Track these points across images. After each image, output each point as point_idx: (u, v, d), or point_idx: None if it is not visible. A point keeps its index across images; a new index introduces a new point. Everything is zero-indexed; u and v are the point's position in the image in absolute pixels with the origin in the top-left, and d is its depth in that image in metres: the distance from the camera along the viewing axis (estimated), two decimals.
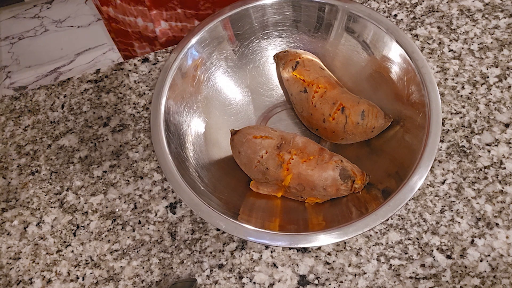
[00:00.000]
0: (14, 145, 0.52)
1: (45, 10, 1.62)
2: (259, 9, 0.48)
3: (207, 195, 0.41)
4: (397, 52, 0.45)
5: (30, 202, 0.48)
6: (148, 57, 0.56)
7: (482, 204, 0.45)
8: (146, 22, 0.62)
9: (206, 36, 0.47)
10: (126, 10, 0.61)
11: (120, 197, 0.48)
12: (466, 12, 0.56)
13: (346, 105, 0.44)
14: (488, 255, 0.43)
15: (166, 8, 0.59)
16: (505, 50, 0.53)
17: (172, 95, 0.45)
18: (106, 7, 0.62)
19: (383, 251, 0.43)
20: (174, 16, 0.60)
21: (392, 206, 0.37)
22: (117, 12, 0.62)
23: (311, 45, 0.50)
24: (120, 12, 0.62)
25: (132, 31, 0.65)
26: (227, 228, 0.38)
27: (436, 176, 0.47)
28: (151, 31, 0.63)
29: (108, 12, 0.63)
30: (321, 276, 0.43)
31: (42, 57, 1.53)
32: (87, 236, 0.46)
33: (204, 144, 0.47)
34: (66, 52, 1.54)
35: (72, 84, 0.55)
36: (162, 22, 0.61)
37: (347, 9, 0.47)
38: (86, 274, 0.44)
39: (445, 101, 0.51)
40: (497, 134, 0.48)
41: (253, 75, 0.51)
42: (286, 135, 0.43)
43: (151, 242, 0.45)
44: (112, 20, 0.64)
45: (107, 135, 0.51)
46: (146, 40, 0.66)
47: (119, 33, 0.66)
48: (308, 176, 0.41)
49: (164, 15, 0.60)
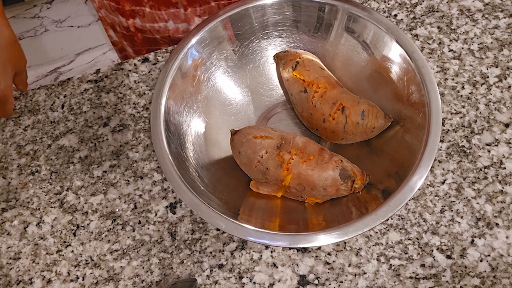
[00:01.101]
0: (14, 145, 0.52)
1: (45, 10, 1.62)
2: (259, 9, 0.48)
3: (207, 195, 0.41)
4: (397, 52, 0.45)
5: (30, 202, 0.48)
6: (148, 57, 0.56)
7: (482, 204, 0.45)
8: (177, 24, 0.62)
9: (206, 36, 0.47)
10: (155, 16, 0.61)
11: (120, 197, 0.48)
12: (466, 12, 0.56)
13: (346, 105, 0.44)
14: (488, 255, 0.43)
15: (200, 4, 0.59)
16: (505, 50, 0.53)
17: (172, 95, 0.45)
18: (132, 20, 0.62)
19: (383, 251, 0.43)
20: (208, 10, 0.60)
21: (392, 206, 0.37)
22: (145, 22, 0.62)
23: (311, 45, 0.50)
24: (148, 20, 0.62)
25: (161, 37, 0.65)
26: (227, 228, 0.38)
27: (436, 176, 0.47)
28: (182, 32, 0.64)
29: (135, 24, 0.63)
30: (321, 276, 0.43)
31: (42, 57, 1.53)
32: (87, 236, 0.46)
33: (204, 144, 0.47)
34: (66, 52, 1.54)
35: (72, 84, 0.55)
36: (196, 19, 0.61)
37: (347, 9, 0.47)
38: (86, 274, 0.44)
39: (445, 101, 0.51)
40: (497, 134, 0.48)
41: (253, 75, 0.51)
42: (286, 135, 0.43)
43: (151, 242, 0.45)
44: (138, 31, 0.64)
45: (107, 135, 0.51)
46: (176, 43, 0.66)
47: (145, 42, 0.66)
48: (308, 176, 0.41)
49: (198, 11, 0.60)
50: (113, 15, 0.64)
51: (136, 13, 0.61)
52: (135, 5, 0.60)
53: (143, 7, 0.60)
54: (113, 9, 0.62)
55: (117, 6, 0.61)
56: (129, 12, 0.61)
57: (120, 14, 0.62)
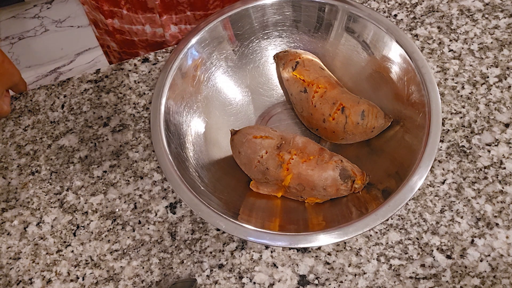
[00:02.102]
0: (14, 145, 0.52)
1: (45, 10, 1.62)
2: (259, 9, 0.48)
3: (207, 195, 0.41)
4: (397, 52, 0.45)
5: (30, 202, 0.48)
6: (148, 57, 0.56)
7: (482, 204, 0.45)
8: (154, 28, 0.62)
9: (206, 36, 0.47)
10: (132, 19, 0.61)
11: (120, 197, 0.48)
12: (466, 12, 0.56)
13: (346, 105, 0.44)
14: (488, 255, 0.43)
15: (175, 12, 0.59)
16: (505, 50, 0.53)
17: (172, 95, 0.45)
18: (111, 19, 0.62)
19: (383, 251, 0.43)
20: (184, 19, 0.60)
21: (392, 206, 0.37)
22: (123, 23, 0.62)
23: (311, 45, 0.50)
24: (126, 22, 0.62)
25: (138, 39, 0.65)
26: (227, 228, 0.38)
27: (436, 176, 0.47)
28: (160, 36, 0.63)
29: (113, 24, 0.63)
30: (321, 276, 0.43)
31: (42, 57, 1.53)
32: (87, 236, 0.46)
33: (204, 144, 0.47)
34: (66, 52, 1.54)
35: (72, 84, 0.55)
36: (172, 26, 0.61)
37: (347, 9, 0.47)
38: (86, 274, 0.44)
39: (445, 101, 0.51)
40: (497, 134, 0.48)
41: (253, 75, 0.51)
42: (286, 135, 0.43)
43: (151, 242, 0.45)
44: (117, 32, 0.64)
45: (107, 135, 0.51)
46: (154, 47, 0.66)
47: (124, 43, 0.66)
48: (308, 176, 0.41)
49: (173, 19, 0.60)
50: (95, 13, 0.64)
51: (115, 14, 0.61)
52: (113, 6, 0.59)
53: (121, 9, 0.60)
54: (94, 7, 0.62)
55: (97, 5, 0.61)
56: (107, 12, 0.61)
57: (100, 13, 0.62)
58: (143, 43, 0.65)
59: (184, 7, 0.58)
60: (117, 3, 0.59)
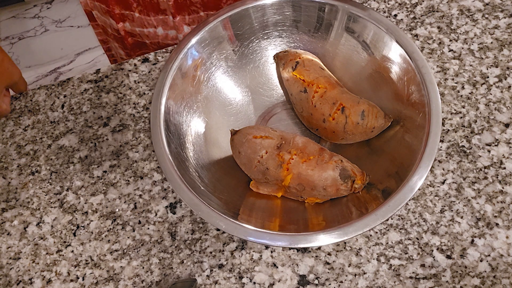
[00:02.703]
0: (14, 145, 0.52)
1: (45, 10, 1.62)
2: (259, 9, 0.48)
3: (207, 195, 0.41)
4: (397, 52, 0.45)
5: (30, 202, 0.48)
6: (148, 57, 0.56)
7: (482, 204, 0.45)
8: (166, 31, 0.62)
9: (206, 36, 0.47)
10: (144, 21, 0.61)
11: (120, 197, 0.48)
12: (466, 12, 0.56)
13: (346, 105, 0.44)
14: (488, 255, 0.43)
15: (189, 12, 0.59)
16: (505, 50, 0.53)
17: (172, 95, 0.45)
18: (122, 23, 0.62)
19: (383, 251, 0.43)
20: (197, 19, 0.60)
21: (392, 206, 0.37)
22: (134, 26, 0.62)
23: (311, 45, 0.50)
24: (138, 25, 0.62)
25: (150, 42, 0.65)
26: (227, 228, 0.38)
27: (436, 176, 0.47)
28: (171, 38, 0.63)
29: (124, 28, 0.63)
30: (321, 276, 0.43)
31: (42, 57, 1.52)
32: (87, 236, 0.46)
33: (204, 144, 0.47)
34: (66, 52, 1.53)
35: (72, 84, 0.55)
36: (185, 27, 0.61)
37: (347, 9, 0.47)
38: (86, 274, 0.44)
39: (445, 101, 0.51)
40: (497, 134, 0.48)
41: (253, 75, 0.51)
42: (286, 135, 0.43)
43: (151, 242, 0.45)
44: (128, 35, 0.64)
45: (107, 135, 0.51)
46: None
47: (135, 46, 0.66)
48: (308, 176, 0.41)
49: (187, 19, 0.60)
50: (104, 17, 0.63)
51: (126, 17, 0.61)
52: (125, 9, 0.59)
53: (132, 11, 0.59)
54: (104, 11, 0.62)
55: (107, 9, 0.61)
56: (118, 16, 0.61)
57: (111, 17, 0.62)
58: (154, 45, 0.65)
59: (197, 7, 0.58)
60: (129, 6, 0.59)
